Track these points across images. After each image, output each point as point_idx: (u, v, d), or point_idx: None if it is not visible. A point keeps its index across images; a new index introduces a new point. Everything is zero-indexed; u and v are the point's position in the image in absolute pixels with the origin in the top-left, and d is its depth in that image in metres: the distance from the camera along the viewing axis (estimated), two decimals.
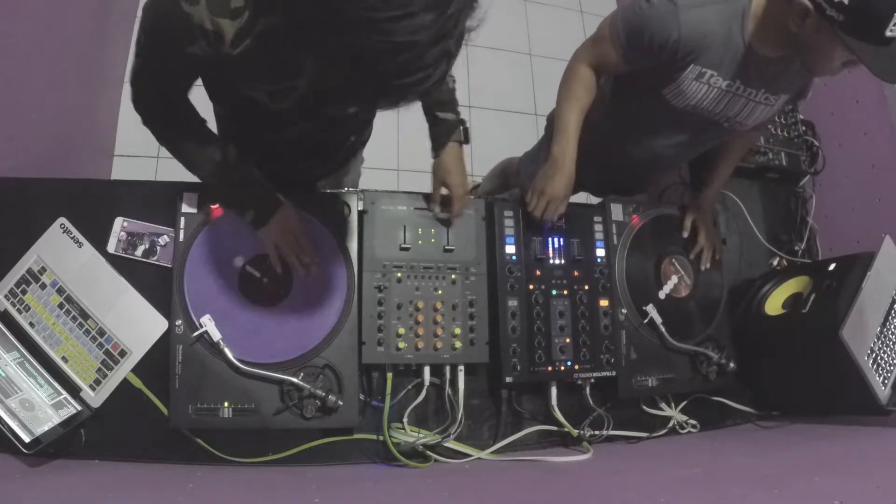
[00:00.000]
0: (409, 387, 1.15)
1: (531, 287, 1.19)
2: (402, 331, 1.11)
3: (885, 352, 1.20)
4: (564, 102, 1.18)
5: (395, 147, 2.36)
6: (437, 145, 1.13)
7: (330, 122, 1.06)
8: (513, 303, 1.17)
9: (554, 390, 1.19)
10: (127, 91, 0.90)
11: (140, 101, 0.91)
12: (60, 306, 1.07)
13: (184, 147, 0.97)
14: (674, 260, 1.34)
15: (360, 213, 1.15)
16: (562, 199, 1.17)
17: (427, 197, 1.18)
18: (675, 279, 1.33)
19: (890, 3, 0.85)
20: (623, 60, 1.11)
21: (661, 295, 1.31)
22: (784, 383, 1.33)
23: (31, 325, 1.06)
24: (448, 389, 1.14)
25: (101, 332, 1.07)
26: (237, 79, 0.85)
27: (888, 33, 0.87)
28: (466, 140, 1.15)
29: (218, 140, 0.98)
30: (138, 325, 1.09)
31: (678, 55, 1.04)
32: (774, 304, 1.37)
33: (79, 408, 1.03)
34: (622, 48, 1.09)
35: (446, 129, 1.12)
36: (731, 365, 1.29)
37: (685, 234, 1.36)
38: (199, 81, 0.93)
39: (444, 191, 1.16)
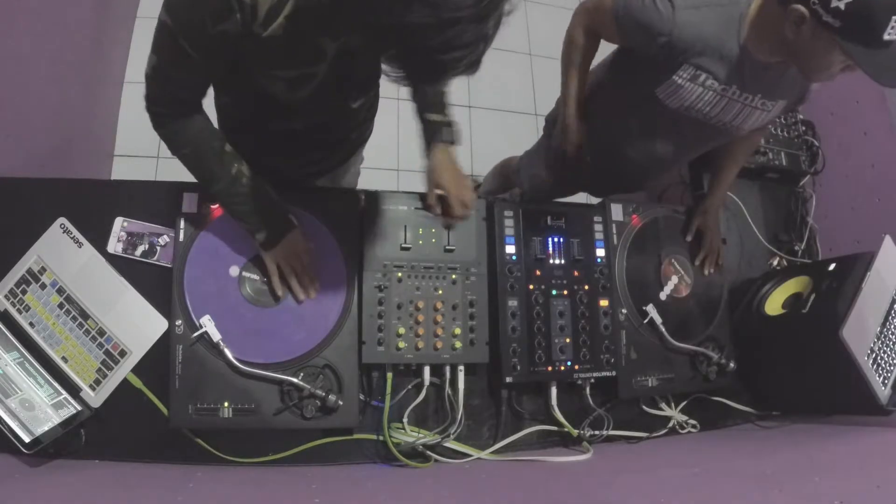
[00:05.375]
0: (409, 387, 1.15)
1: (531, 287, 1.19)
2: (402, 331, 1.11)
3: (885, 352, 1.20)
4: (565, 75, 1.32)
5: (395, 147, 2.36)
6: (427, 147, 1.13)
7: (336, 114, 1.06)
8: (513, 303, 1.17)
9: (554, 390, 1.19)
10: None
11: (155, 102, 0.88)
12: (60, 306, 1.07)
13: (200, 159, 0.95)
14: (673, 260, 1.34)
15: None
16: (577, 144, 1.35)
17: (422, 198, 1.16)
18: (675, 279, 1.33)
19: (887, 6, 0.85)
20: (619, 38, 1.17)
21: (662, 296, 1.31)
22: (784, 383, 1.33)
23: (31, 325, 1.06)
24: (448, 389, 1.14)
25: (101, 332, 1.07)
26: (260, 63, 0.84)
27: (886, 37, 0.86)
28: (456, 141, 1.13)
29: (237, 157, 0.97)
30: (138, 325, 1.09)
31: (672, 53, 1.05)
32: (774, 304, 1.37)
33: (79, 408, 1.03)
34: (619, 28, 1.12)
35: (435, 132, 1.11)
36: (731, 365, 1.29)
37: (689, 238, 1.36)
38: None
39: (439, 192, 1.14)
